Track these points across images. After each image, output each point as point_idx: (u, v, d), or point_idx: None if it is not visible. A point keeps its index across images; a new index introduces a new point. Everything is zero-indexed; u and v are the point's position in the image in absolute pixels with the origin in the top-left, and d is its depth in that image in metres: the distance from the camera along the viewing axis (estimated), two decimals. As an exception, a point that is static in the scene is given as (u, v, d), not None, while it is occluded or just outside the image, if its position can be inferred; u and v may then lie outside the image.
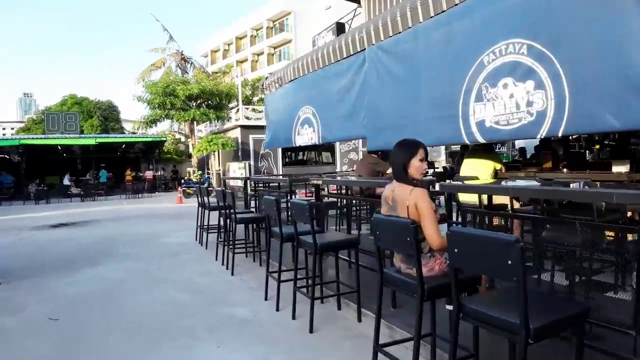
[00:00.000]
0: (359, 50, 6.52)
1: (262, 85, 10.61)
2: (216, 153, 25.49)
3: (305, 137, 8.32)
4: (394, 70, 5.70)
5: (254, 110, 26.52)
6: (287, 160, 26.66)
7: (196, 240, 9.10)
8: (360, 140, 22.90)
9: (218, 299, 5.19)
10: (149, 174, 27.14)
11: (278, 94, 9.50)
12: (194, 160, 27.31)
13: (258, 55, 54.84)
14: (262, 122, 25.73)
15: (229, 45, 60.00)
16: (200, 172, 26.20)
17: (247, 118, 25.33)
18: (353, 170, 12.37)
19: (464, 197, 5.11)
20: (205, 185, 24.42)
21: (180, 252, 8.05)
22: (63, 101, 36.09)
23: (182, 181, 24.11)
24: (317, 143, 8.12)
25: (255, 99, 37.11)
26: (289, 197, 6.75)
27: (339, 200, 7.79)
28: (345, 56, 6.89)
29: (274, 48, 52.86)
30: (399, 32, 5.51)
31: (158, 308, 4.90)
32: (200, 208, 8.80)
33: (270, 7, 52.25)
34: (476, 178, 5.62)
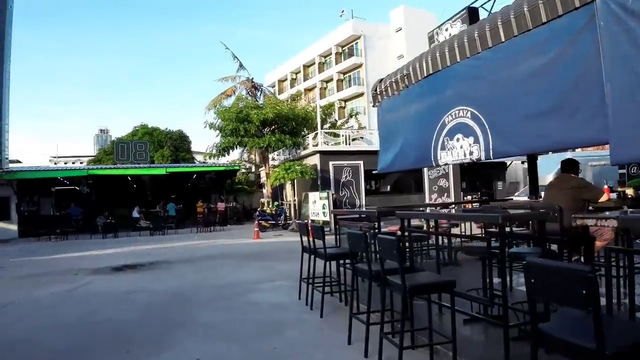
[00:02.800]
0: (577, 6, 3.73)
1: (375, 90, 7.96)
2: (291, 182, 23.19)
3: (458, 152, 5.53)
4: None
5: (334, 134, 24.18)
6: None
7: (299, 298, 6.43)
8: (451, 166, 19.84)
9: None
10: (221, 206, 25.17)
11: (401, 99, 6.83)
12: (268, 190, 25.17)
13: (327, 82, 53.23)
14: (343, 148, 23.29)
15: (296, 74, 59.04)
16: (276, 203, 23.97)
17: (327, 143, 22.95)
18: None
19: None
20: (282, 217, 22.09)
21: (285, 323, 5.36)
22: (134, 131, 35.50)
23: (257, 213, 21.88)
24: (481, 159, 5.26)
25: (326, 125, 35.01)
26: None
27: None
28: (543, 21, 4.14)
29: (343, 74, 51.05)
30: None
31: None
32: (309, 255, 6.13)
33: (339, 33, 50.78)
34: None
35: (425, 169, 22.38)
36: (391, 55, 48.25)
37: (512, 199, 14.12)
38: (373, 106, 8.16)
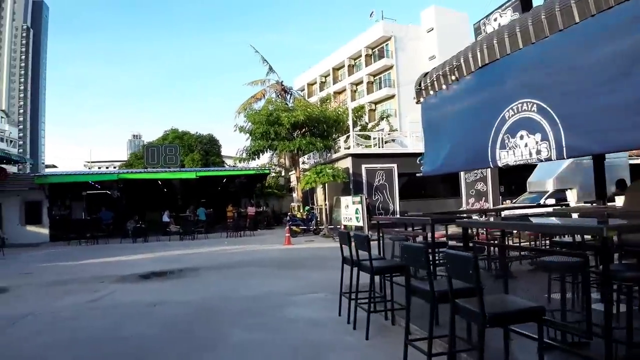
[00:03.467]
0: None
1: (419, 86, 7.22)
2: (322, 186, 22.52)
3: (522, 151, 4.76)
4: None
5: (365, 137, 23.48)
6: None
7: (339, 314, 5.76)
8: (489, 169, 18.79)
9: None
10: (251, 210, 24.69)
11: (450, 94, 6.08)
12: (298, 194, 24.62)
13: (357, 84, 52.53)
14: (376, 150, 22.53)
15: (325, 77, 58.57)
16: (307, 207, 23.36)
17: (359, 146, 22.26)
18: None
19: None
20: (313, 222, 21.48)
21: (325, 346, 4.69)
22: (165, 136, 35.53)
23: (288, 218, 21.34)
24: (552, 159, 4.46)
25: (357, 128, 34.37)
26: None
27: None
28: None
29: (374, 76, 50.26)
30: None
31: None
32: (350, 267, 5.46)
33: (369, 35, 50.05)
34: None
35: (462, 172, 21.36)
36: (423, 56, 47.24)
37: (568, 204, 13.09)
38: (417, 103, 7.44)
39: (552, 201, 14.88)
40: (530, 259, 7.41)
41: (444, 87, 6.28)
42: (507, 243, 6.77)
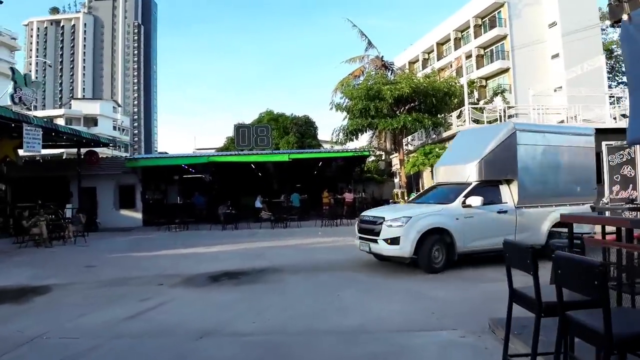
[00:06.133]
0: None
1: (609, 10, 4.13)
2: (430, 169, 19.42)
3: None
4: None
5: (481, 110, 19.97)
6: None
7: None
8: (637, 150, 14.46)
9: None
10: (348, 196, 22.25)
11: None
12: (402, 179, 21.74)
13: (465, 58, 47.73)
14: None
15: (428, 53, 54.29)
16: (413, 194, 20.44)
17: (475, 121, 18.85)
18: None
19: None
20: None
21: None
22: (260, 118, 34.15)
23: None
24: None
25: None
26: None
27: None
28: None
29: (484, 48, 45.19)
30: None
31: None
32: (537, 316, 2.73)
33: (478, 3, 44.96)
34: None
35: (605, 153, 16.99)
36: (541, 23, 41.53)
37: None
38: (612, 25, 4.44)
39: (477, 201, 8.17)
40: None
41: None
42: None
